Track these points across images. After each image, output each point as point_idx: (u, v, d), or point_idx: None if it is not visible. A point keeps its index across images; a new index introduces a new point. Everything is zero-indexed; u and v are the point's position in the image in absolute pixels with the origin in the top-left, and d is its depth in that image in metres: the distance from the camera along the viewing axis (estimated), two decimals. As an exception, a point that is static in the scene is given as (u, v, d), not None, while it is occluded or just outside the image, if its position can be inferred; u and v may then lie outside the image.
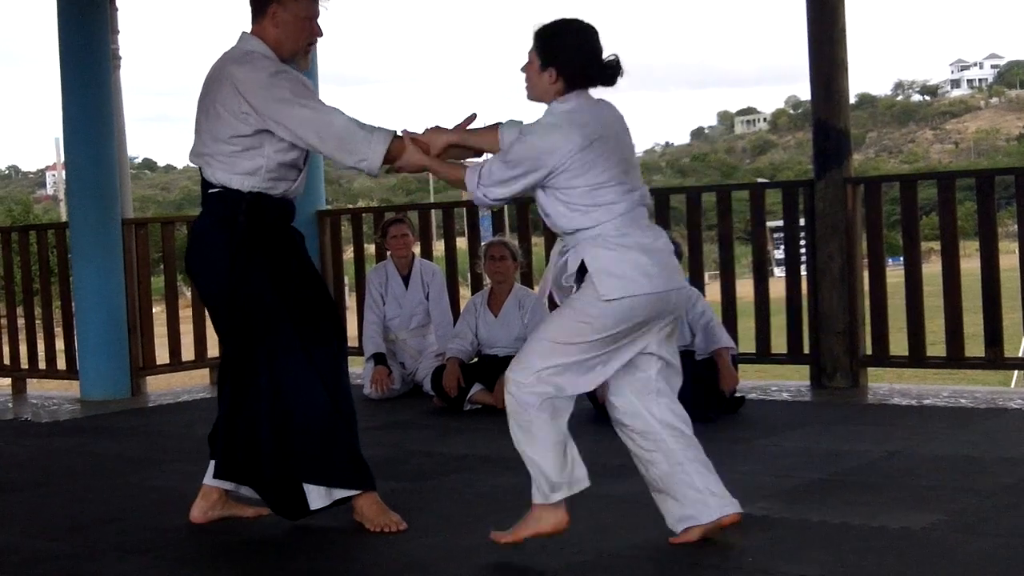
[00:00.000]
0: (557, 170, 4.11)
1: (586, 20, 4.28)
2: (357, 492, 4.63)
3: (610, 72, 4.24)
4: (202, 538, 4.77)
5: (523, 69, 4.28)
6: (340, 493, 4.62)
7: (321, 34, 4.74)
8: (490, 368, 7.75)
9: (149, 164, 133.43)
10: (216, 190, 4.63)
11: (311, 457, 4.57)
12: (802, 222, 8.35)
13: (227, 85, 4.55)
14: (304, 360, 4.53)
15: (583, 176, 4.11)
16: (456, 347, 7.86)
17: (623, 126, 4.31)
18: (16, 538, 4.94)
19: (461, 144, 4.50)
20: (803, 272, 8.37)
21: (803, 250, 8.41)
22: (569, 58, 4.18)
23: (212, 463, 4.86)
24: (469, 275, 10.04)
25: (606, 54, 4.24)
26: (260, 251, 4.59)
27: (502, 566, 4.13)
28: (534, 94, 4.27)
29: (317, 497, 4.64)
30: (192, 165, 4.76)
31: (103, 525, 5.07)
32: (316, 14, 4.68)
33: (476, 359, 8.03)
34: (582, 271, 4.19)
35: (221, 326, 4.79)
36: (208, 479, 4.91)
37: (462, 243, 10.26)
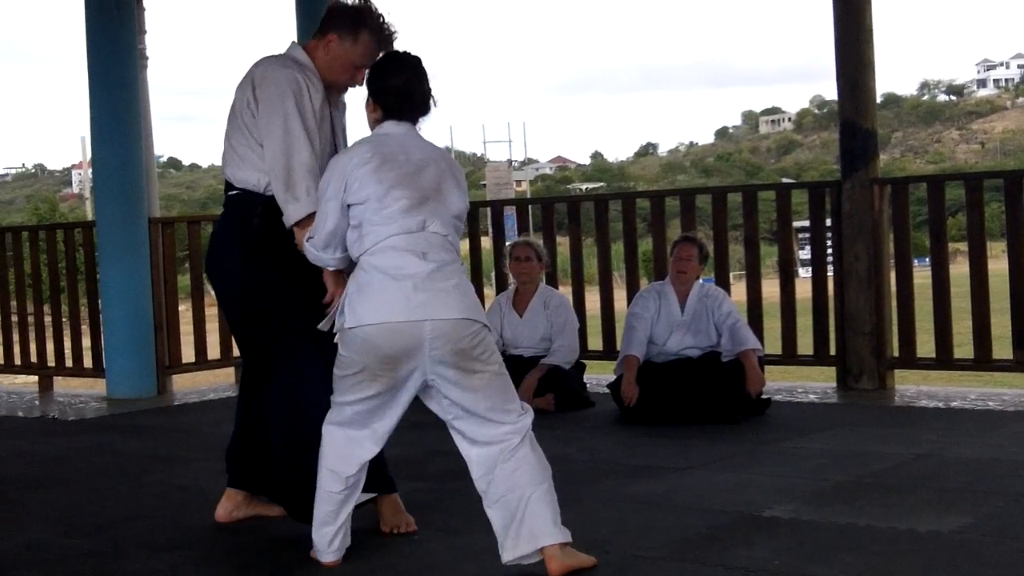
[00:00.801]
0: (349, 184, 4.11)
1: (412, 55, 4.34)
2: (373, 496, 4.62)
3: (420, 106, 4.27)
4: (227, 537, 4.78)
5: None
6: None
7: (361, 84, 4.72)
8: (515, 368, 7.67)
9: (174, 163, 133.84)
10: (234, 192, 4.64)
11: None
12: (828, 222, 8.32)
13: (249, 82, 4.58)
14: (318, 363, 4.48)
15: (368, 189, 4.08)
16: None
17: (439, 161, 4.26)
18: (43, 535, 4.96)
19: None
20: (829, 273, 8.34)
21: (829, 251, 8.39)
22: (382, 87, 4.27)
23: None
24: (493, 274, 10.05)
25: (435, 87, 4.30)
26: (275, 254, 4.56)
27: (523, 568, 4.12)
28: (368, 122, 4.35)
29: None
30: (217, 165, 4.79)
31: (130, 523, 5.08)
32: (365, 66, 4.63)
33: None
34: None
35: (236, 329, 4.80)
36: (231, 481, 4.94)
37: (486, 242, 10.27)
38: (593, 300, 9.19)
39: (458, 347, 4.00)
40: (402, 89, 4.24)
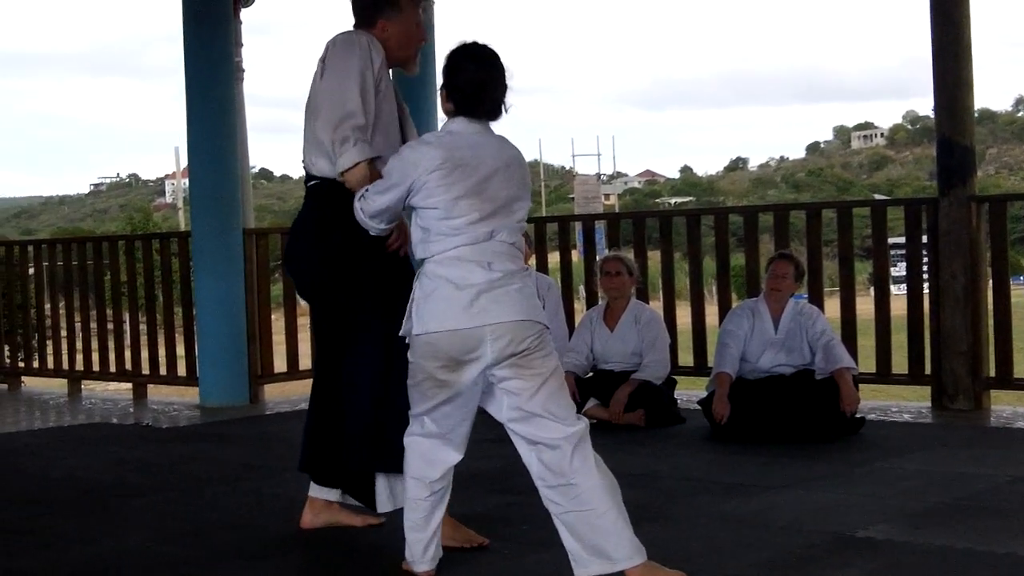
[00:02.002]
0: (416, 186, 4.09)
1: (489, 48, 4.24)
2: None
3: (490, 107, 4.19)
4: (319, 546, 4.81)
5: None
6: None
7: (426, 38, 4.76)
8: (605, 383, 7.74)
9: (266, 174, 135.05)
10: (314, 182, 4.62)
11: (387, 443, 4.50)
12: (924, 239, 8.23)
13: (320, 61, 4.57)
14: (382, 356, 4.51)
15: (436, 198, 4.05)
16: (571, 361, 7.84)
17: (510, 165, 4.18)
18: (138, 542, 5.02)
19: None
20: (924, 290, 8.25)
21: (924, 268, 8.29)
22: (456, 83, 4.20)
23: None
24: (582, 288, 10.04)
25: (512, 87, 4.21)
26: (354, 245, 4.53)
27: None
28: (442, 109, 4.31)
29: (385, 500, 4.66)
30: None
31: (223, 531, 5.13)
32: (421, 19, 4.70)
33: (591, 374, 8.01)
34: None
35: (315, 316, 4.83)
36: (312, 490, 4.96)
37: (575, 256, 10.26)
38: (684, 315, 9.15)
39: (517, 346, 4.02)
40: (476, 87, 4.18)
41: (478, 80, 4.17)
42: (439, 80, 4.28)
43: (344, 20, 4.79)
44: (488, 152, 4.15)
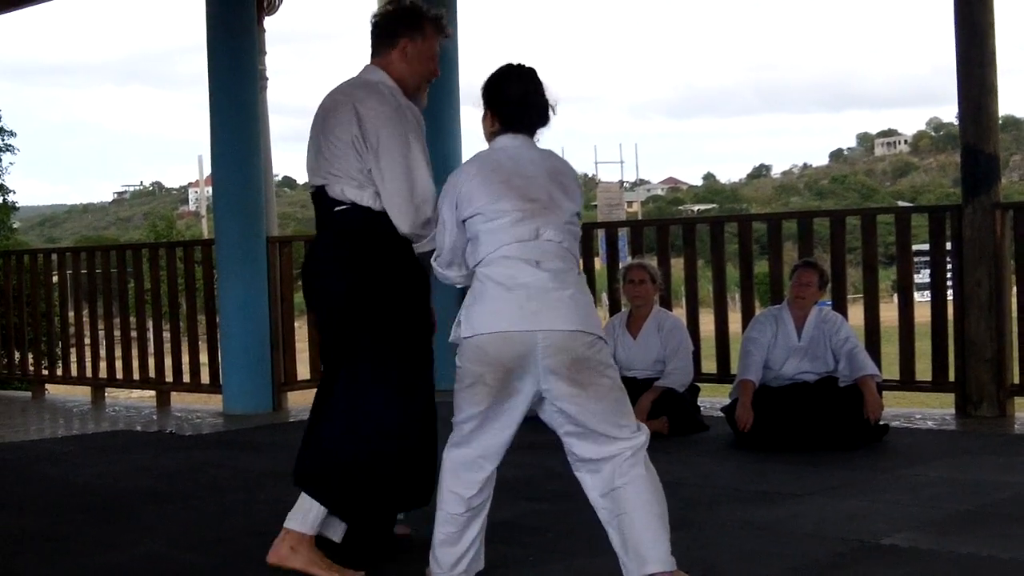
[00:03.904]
0: (460, 202, 4.14)
1: (526, 66, 4.30)
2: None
3: (535, 118, 4.25)
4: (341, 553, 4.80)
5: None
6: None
7: (438, 74, 4.78)
8: (628, 390, 7.58)
9: (288, 182, 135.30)
10: (344, 207, 4.55)
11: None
12: (948, 247, 8.20)
13: (351, 113, 4.53)
14: (396, 386, 4.48)
15: (476, 203, 4.10)
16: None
17: (553, 173, 4.21)
18: (163, 548, 5.04)
19: None
20: (948, 297, 8.22)
21: (948, 275, 8.27)
22: (500, 98, 4.24)
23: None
24: (604, 296, 10.03)
25: (555, 97, 4.29)
26: (385, 269, 4.52)
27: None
28: (485, 135, 4.35)
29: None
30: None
31: (247, 538, 5.13)
32: (438, 53, 4.72)
33: (614, 381, 7.99)
34: None
35: (329, 337, 4.68)
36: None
37: (598, 264, 10.25)
38: (707, 323, 9.13)
39: (570, 358, 3.98)
40: (520, 98, 4.22)
41: (521, 92, 4.23)
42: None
43: (366, 27, 4.78)
44: (528, 158, 4.19)
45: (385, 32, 4.71)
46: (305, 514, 4.40)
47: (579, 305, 4.06)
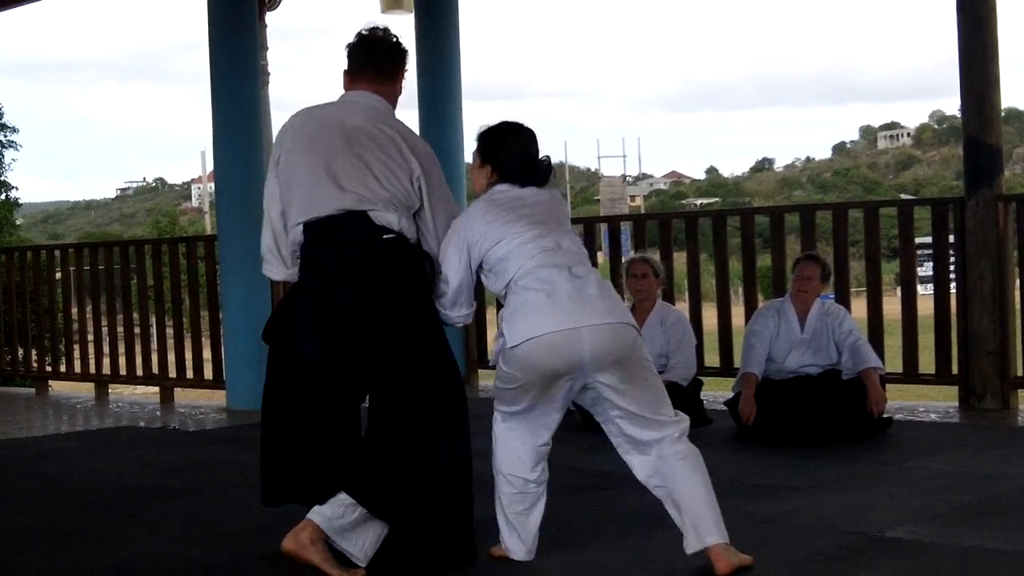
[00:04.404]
0: (472, 242, 4.35)
1: (524, 124, 4.54)
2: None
3: (542, 173, 4.47)
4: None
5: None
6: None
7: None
8: (632, 384, 7.71)
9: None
10: (391, 235, 4.43)
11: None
12: (951, 239, 8.20)
13: (403, 147, 4.49)
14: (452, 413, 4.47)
15: (494, 233, 4.31)
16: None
17: (549, 201, 4.46)
18: (166, 545, 5.03)
19: None
20: (951, 290, 8.22)
21: (951, 268, 8.26)
22: (503, 156, 4.46)
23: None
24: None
25: (542, 154, 4.52)
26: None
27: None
28: (476, 188, 4.54)
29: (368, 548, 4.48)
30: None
31: (251, 534, 5.13)
32: None
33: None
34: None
35: (378, 373, 4.46)
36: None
37: (601, 258, 10.24)
38: (710, 317, 9.13)
39: (616, 353, 4.20)
40: (523, 156, 4.47)
41: (523, 150, 4.48)
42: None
43: (367, 22, 4.76)
44: (526, 194, 4.43)
45: (392, 62, 4.69)
46: (335, 521, 4.31)
47: (616, 302, 4.32)
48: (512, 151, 4.45)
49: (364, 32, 4.68)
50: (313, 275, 4.47)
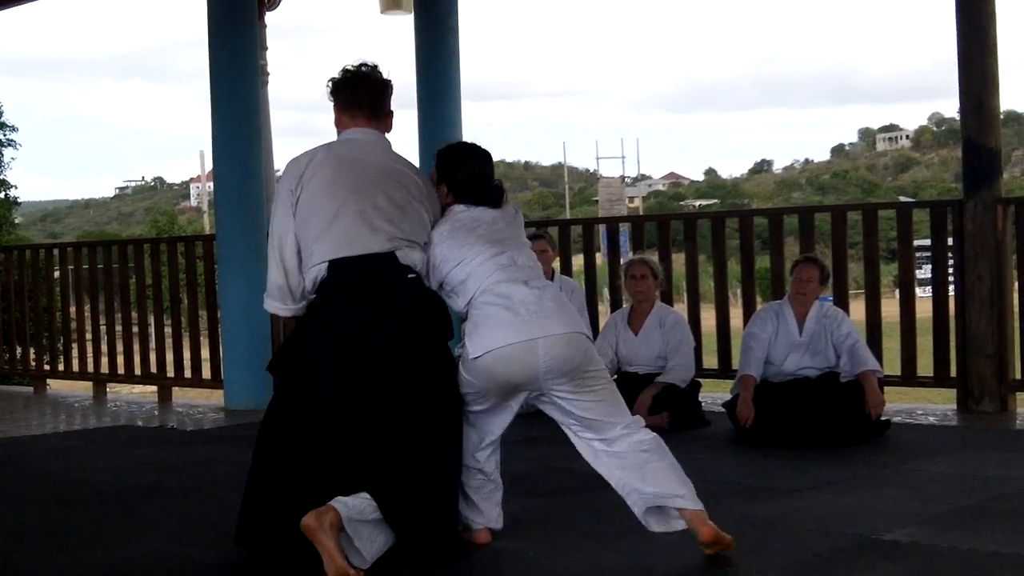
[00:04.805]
0: (438, 265, 4.57)
1: (479, 147, 4.77)
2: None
3: (493, 196, 4.68)
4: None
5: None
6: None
7: None
8: (629, 386, 7.67)
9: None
10: (414, 275, 4.54)
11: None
12: (950, 242, 8.20)
13: (415, 181, 4.65)
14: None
15: (451, 259, 4.54)
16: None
17: (503, 218, 4.66)
18: (165, 545, 5.03)
19: None
20: (950, 293, 8.22)
21: (950, 270, 8.26)
22: (456, 178, 4.67)
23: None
24: (606, 291, 10.02)
25: (496, 178, 4.73)
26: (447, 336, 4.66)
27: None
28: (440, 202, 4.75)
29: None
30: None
31: (249, 534, 5.12)
32: None
33: (615, 376, 7.99)
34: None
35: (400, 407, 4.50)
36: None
37: (599, 259, 10.23)
38: (708, 318, 9.13)
39: (572, 365, 4.43)
40: (476, 180, 4.66)
41: (477, 173, 4.68)
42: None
43: (367, 24, 4.80)
44: (482, 215, 4.64)
45: (382, 101, 4.79)
46: (356, 513, 4.31)
47: (569, 312, 4.56)
48: (465, 173, 4.65)
49: (352, 68, 4.76)
50: (334, 311, 4.51)
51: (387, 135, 4.79)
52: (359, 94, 4.71)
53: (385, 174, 4.59)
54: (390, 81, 4.79)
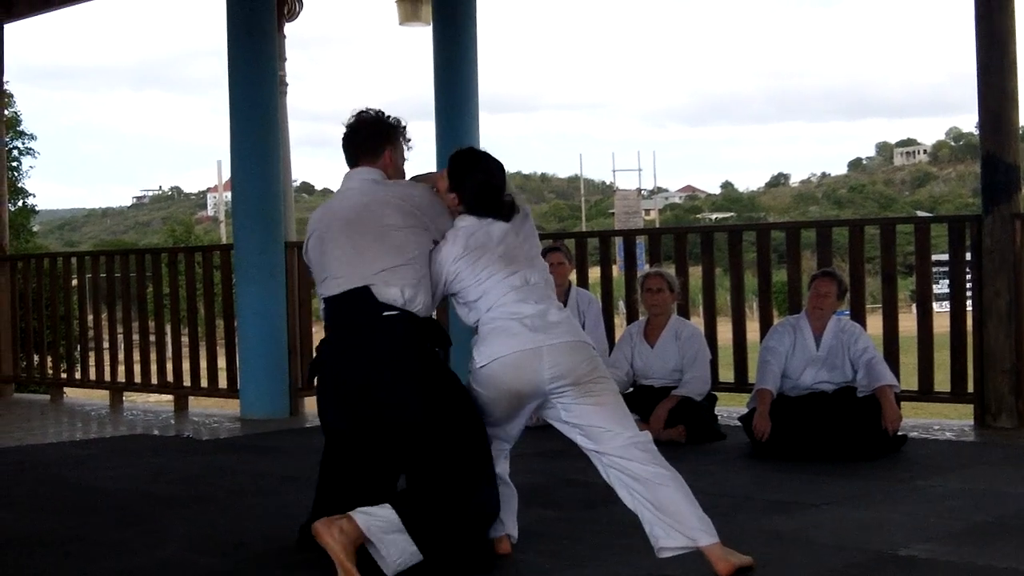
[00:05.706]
0: (448, 279, 4.63)
1: (494, 157, 4.77)
2: None
3: (505, 210, 4.67)
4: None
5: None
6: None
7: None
8: (645, 399, 7.72)
9: (307, 187, 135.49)
10: (393, 312, 4.59)
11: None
12: (967, 257, 8.18)
13: (395, 203, 4.71)
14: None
15: (465, 279, 4.59)
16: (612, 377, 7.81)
17: (515, 232, 4.67)
18: (181, 553, 5.04)
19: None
20: (967, 308, 8.19)
21: (968, 286, 8.24)
22: (467, 190, 4.68)
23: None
24: (622, 304, 10.01)
25: (507, 192, 4.72)
26: (442, 367, 4.70)
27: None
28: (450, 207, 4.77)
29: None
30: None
31: (265, 542, 5.14)
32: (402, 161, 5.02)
33: (631, 389, 7.99)
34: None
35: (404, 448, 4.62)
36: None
37: (616, 271, 10.22)
38: (725, 332, 9.12)
39: (576, 372, 4.48)
40: (488, 191, 4.66)
41: (486, 184, 4.68)
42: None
43: (385, 35, 4.85)
44: (495, 230, 4.65)
45: (372, 144, 4.93)
46: (377, 522, 4.34)
47: (574, 325, 4.66)
48: (476, 182, 4.67)
49: (347, 123, 4.97)
50: (323, 349, 4.79)
51: (392, 168, 4.90)
52: (354, 147, 4.95)
53: (355, 216, 4.73)
54: (381, 121, 4.94)
